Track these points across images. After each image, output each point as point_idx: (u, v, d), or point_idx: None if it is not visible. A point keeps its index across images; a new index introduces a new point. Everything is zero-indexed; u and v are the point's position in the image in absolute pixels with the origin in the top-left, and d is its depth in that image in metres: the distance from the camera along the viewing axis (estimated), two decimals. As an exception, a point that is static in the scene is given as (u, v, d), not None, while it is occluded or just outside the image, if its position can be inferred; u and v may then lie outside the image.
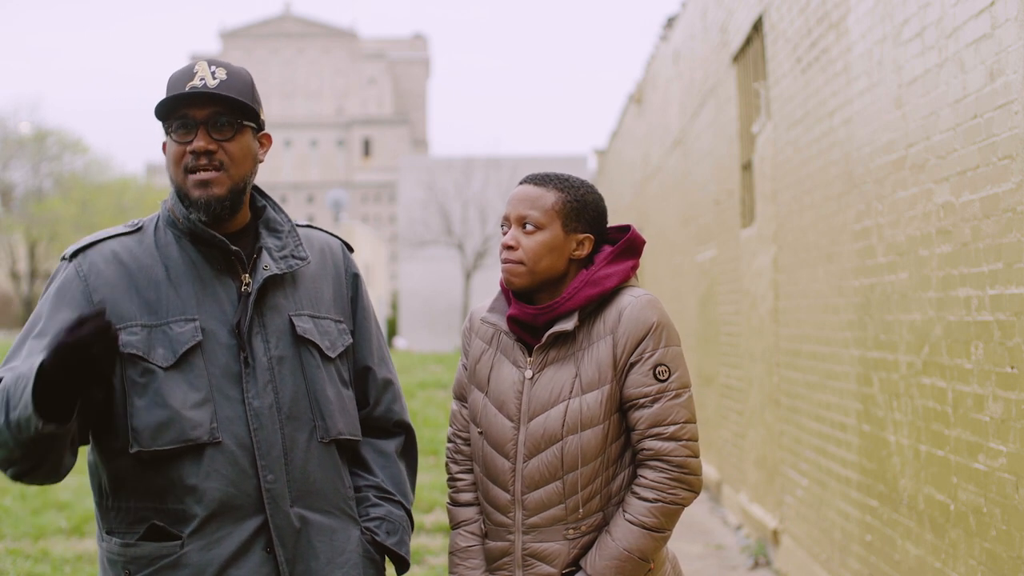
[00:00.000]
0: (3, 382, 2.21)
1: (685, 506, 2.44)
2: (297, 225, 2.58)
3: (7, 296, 53.36)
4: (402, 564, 2.56)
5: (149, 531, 2.32)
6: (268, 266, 2.42)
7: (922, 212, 4.34)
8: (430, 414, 15.20)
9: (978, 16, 3.74)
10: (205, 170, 2.35)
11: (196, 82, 2.35)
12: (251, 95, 2.42)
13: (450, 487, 2.65)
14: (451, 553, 2.60)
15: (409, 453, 2.67)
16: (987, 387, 3.70)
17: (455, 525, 2.62)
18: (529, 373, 2.47)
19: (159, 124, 2.43)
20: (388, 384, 2.64)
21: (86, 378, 2.09)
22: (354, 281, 2.62)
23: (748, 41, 8.05)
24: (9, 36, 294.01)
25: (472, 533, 2.57)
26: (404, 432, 2.66)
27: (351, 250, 2.68)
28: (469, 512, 2.59)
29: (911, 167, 4.47)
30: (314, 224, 2.65)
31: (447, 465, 2.66)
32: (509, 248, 2.47)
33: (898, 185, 4.64)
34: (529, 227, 2.46)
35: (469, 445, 2.60)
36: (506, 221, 2.50)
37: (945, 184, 4.09)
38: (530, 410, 2.45)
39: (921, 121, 4.34)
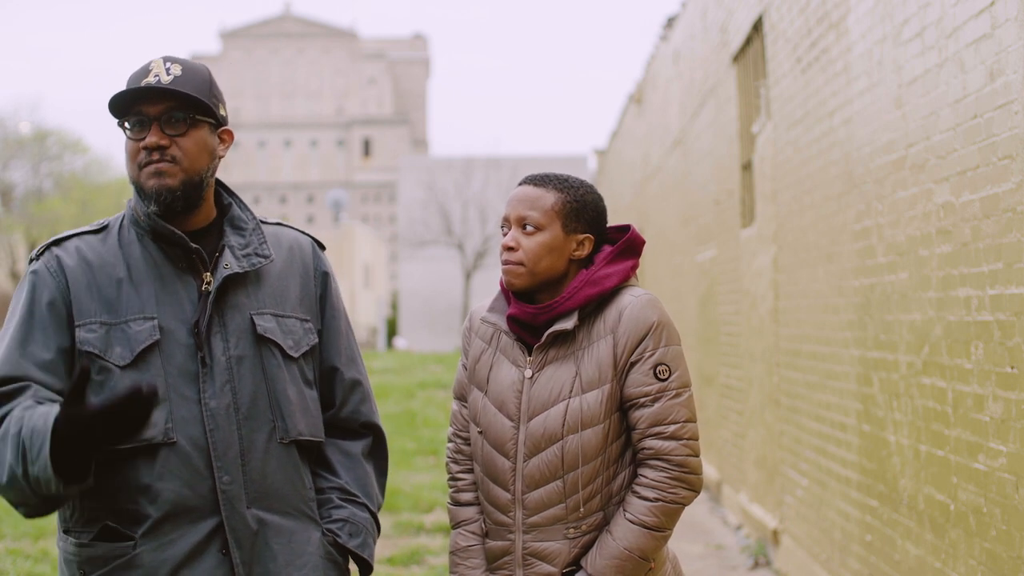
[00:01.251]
0: (9, 425, 2.17)
1: (685, 505, 2.44)
2: (266, 223, 2.55)
3: (7, 296, 53.45)
4: (365, 567, 2.53)
5: (102, 531, 2.31)
6: (229, 264, 2.40)
7: (922, 212, 4.34)
8: (430, 414, 15.20)
9: (978, 16, 3.74)
10: (158, 162, 2.34)
11: (150, 79, 2.34)
12: (207, 91, 2.40)
13: (450, 487, 2.65)
14: (452, 553, 2.60)
15: (377, 454, 2.62)
16: (987, 387, 3.70)
17: (455, 525, 2.62)
18: (529, 372, 2.47)
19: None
20: (356, 384, 2.59)
21: (113, 441, 2.06)
22: (324, 279, 2.58)
23: (748, 41, 8.05)
24: (9, 36, 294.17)
25: (473, 532, 2.57)
26: (372, 433, 2.61)
27: (323, 248, 2.64)
28: (470, 512, 2.59)
29: (911, 167, 4.47)
30: (284, 222, 2.61)
31: (447, 465, 2.66)
32: (509, 249, 2.47)
33: (898, 185, 4.64)
34: (529, 228, 2.46)
35: (469, 445, 2.60)
36: (506, 222, 2.50)
37: (945, 184, 4.09)
38: (530, 409, 2.45)
39: (921, 121, 4.34)
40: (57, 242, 2.43)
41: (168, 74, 2.36)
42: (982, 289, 3.74)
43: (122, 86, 2.40)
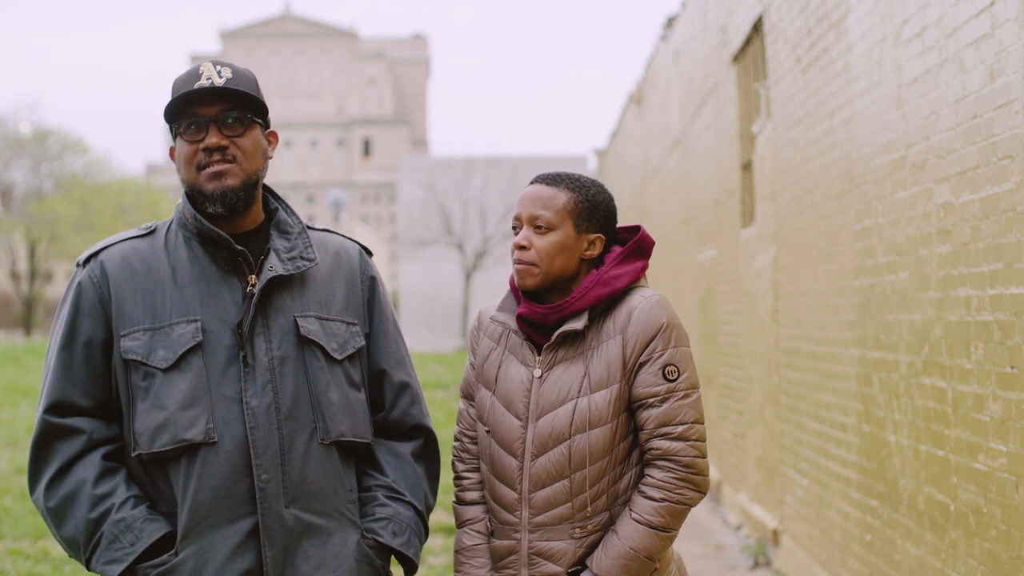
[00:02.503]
0: (87, 490, 2.34)
1: (692, 506, 2.45)
2: (315, 228, 2.59)
3: (7, 296, 53.34)
4: (410, 566, 2.53)
5: (155, 544, 2.34)
6: (274, 267, 2.42)
7: (922, 212, 4.34)
8: (430, 414, 15.19)
9: (978, 16, 3.74)
10: (219, 163, 2.37)
11: (203, 81, 2.37)
12: (257, 92, 2.45)
13: (456, 486, 2.65)
14: (457, 551, 2.61)
15: (427, 456, 2.63)
16: (987, 387, 3.70)
17: (461, 523, 2.62)
18: (538, 372, 2.48)
19: (163, 126, 2.47)
20: (405, 387, 2.61)
21: None
22: (371, 284, 2.61)
23: (748, 41, 8.04)
24: (9, 36, 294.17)
25: (478, 531, 2.58)
26: (423, 435, 2.63)
27: (370, 254, 2.68)
28: (475, 511, 2.60)
29: (911, 167, 4.47)
30: (332, 229, 2.65)
31: (453, 464, 2.67)
32: (521, 248, 2.47)
33: (898, 185, 4.64)
34: (541, 227, 2.47)
35: (476, 444, 2.61)
36: (517, 221, 2.51)
37: (945, 184, 4.09)
38: (538, 409, 2.46)
39: (921, 121, 4.34)
40: (104, 248, 2.46)
41: (220, 76, 2.39)
42: (982, 289, 3.74)
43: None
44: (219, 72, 2.39)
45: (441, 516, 8.44)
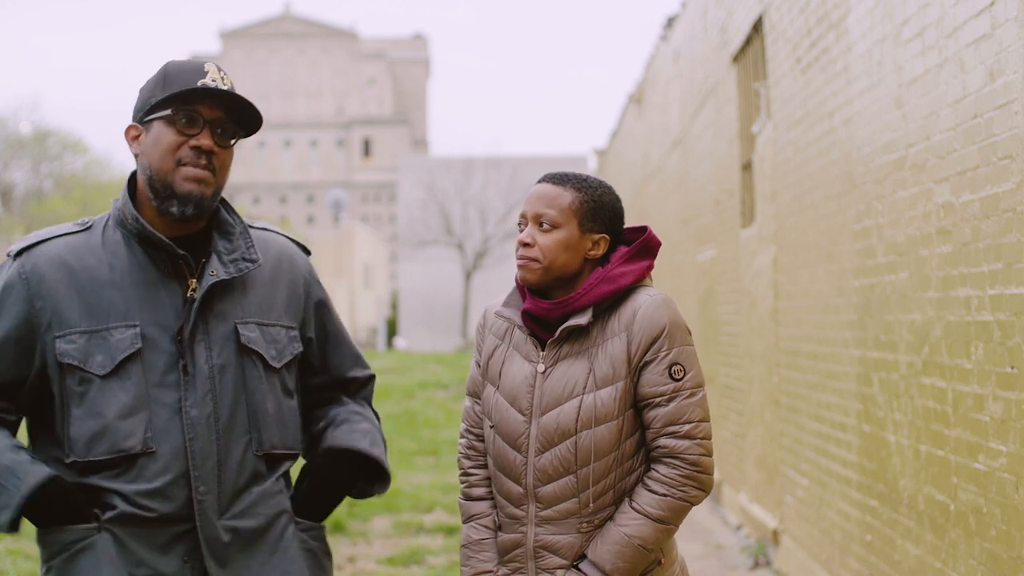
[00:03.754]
0: None
1: (694, 504, 2.46)
2: (254, 227, 2.53)
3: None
4: (384, 478, 2.56)
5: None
6: (216, 271, 2.36)
7: (922, 212, 4.34)
8: (430, 414, 15.19)
9: (978, 16, 3.74)
10: (204, 169, 2.32)
11: (209, 81, 2.33)
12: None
13: (462, 482, 2.67)
14: (464, 546, 2.62)
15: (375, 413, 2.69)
16: (987, 387, 3.70)
17: (468, 518, 2.64)
18: (542, 368, 2.49)
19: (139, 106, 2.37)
20: (371, 379, 2.69)
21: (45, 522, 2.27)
22: (316, 287, 2.58)
23: (748, 41, 8.05)
24: (9, 36, 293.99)
25: (485, 526, 2.60)
26: (375, 412, 2.70)
27: (308, 253, 2.63)
28: (482, 506, 2.61)
29: (911, 167, 4.47)
30: (271, 227, 2.60)
31: (459, 460, 2.68)
32: (526, 245, 2.50)
33: (898, 185, 4.64)
34: (546, 225, 2.49)
35: (482, 441, 2.63)
36: (523, 219, 2.53)
37: (945, 184, 4.09)
38: (542, 404, 2.47)
39: (921, 121, 4.34)
40: (38, 243, 2.38)
41: (224, 83, 2.35)
42: (982, 289, 3.74)
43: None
44: (223, 78, 2.35)
45: (441, 516, 8.44)
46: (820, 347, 6.03)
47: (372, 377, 2.69)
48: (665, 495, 2.42)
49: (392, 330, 48.27)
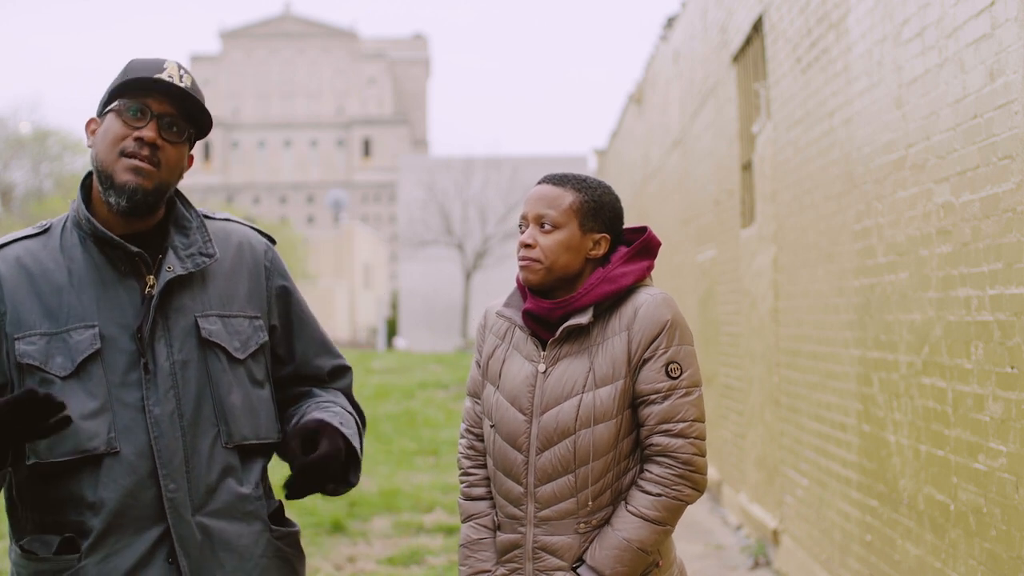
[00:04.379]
0: None
1: (688, 503, 2.47)
2: (214, 218, 2.51)
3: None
4: (356, 465, 2.45)
5: (61, 545, 2.28)
6: (172, 267, 2.35)
7: (922, 212, 4.34)
8: (430, 414, 15.19)
9: (978, 16, 3.74)
10: (143, 160, 2.30)
11: (164, 76, 2.32)
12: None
13: (462, 482, 2.67)
14: (462, 545, 2.63)
15: (355, 406, 2.60)
16: (987, 387, 3.70)
17: (467, 518, 2.64)
18: (542, 367, 2.50)
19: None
20: (345, 370, 2.62)
21: (14, 438, 2.12)
22: (279, 275, 2.54)
23: (748, 41, 8.05)
24: (9, 36, 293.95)
25: (484, 526, 2.60)
26: (352, 401, 2.61)
27: (274, 243, 2.60)
28: (481, 506, 2.62)
29: (911, 167, 4.47)
30: (233, 217, 2.57)
31: (459, 460, 2.69)
32: (527, 246, 2.51)
33: (898, 185, 4.64)
34: (547, 226, 2.51)
35: (482, 441, 2.63)
36: (524, 220, 2.54)
37: (945, 184, 4.09)
38: (543, 403, 2.48)
39: (921, 121, 4.34)
40: None
41: (181, 80, 2.34)
42: (982, 289, 3.74)
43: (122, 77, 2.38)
44: (181, 76, 2.34)
45: (441, 516, 8.44)
46: (820, 347, 6.03)
47: (345, 367, 2.62)
48: (659, 495, 2.43)
49: (392, 330, 48.26)
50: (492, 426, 2.55)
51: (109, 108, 2.35)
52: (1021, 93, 3.42)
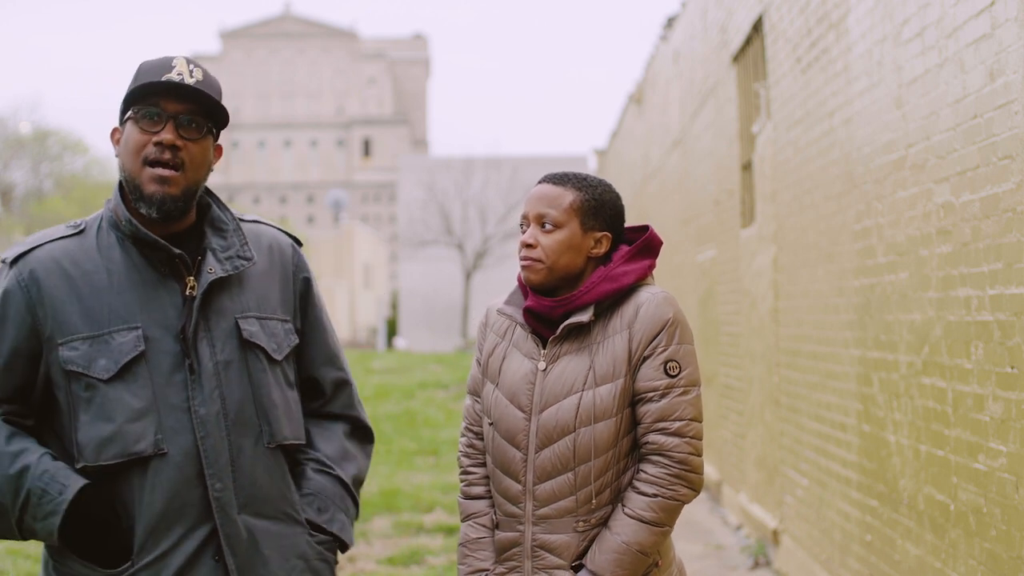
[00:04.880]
0: (27, 477, 2.26)
1: (685, 503, 2.46)
2: (244, 220, 2.52)
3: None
4: (338, 542, 2.50)
5: (97, 555, 2.30)
6: (213, 268, 2.36)
7: (922, 212, 4.34)
8: (430, 414, 15.19)
9: (978, 16, 3.74)
10: (166, 166, 2.30)
11: (174, 75, 2.32)
12: (222, 100, 2.40)
13: (462, 481, 2.67)
14: (461, 544, 2.63)
15: (360, 435, 2.62)
16: (987, 387, 3.70)
17: (466, 517, 2.64)
18: (542, 365, 2.50)
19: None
20: (344, 384, 2.62)
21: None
22: (305, 279, 2.56)
23: (748, 41, 8.05)
24: (9, 36, 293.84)
25: (483, 525, 2.60)
26: (359, 425, 2.62)
27: (300, 244, 2.62)
28: (480, 505, 2.62)
29: (911, 167, 4.47)
30: (262, 219, 2.59)
31: (459, 459, 2.69)
32: (528, 246, 2.51)
33: (898, 185, 4.64)
34: (548, 226, 2.51)
35: (481, 439, 2.63)
36: (525, 219, 2.55)
37: (945, 184, 4.09)
38: (542, 401, 2.48)
39: (921, 121, 4.34)
40: (33, 248, 2.37)
41: (191, 76, 2.33)
42: (982, 289, 3.74)
43: (124, 83, 2.38)
44: (191, 71, 2.34)
45: (441, 516, 8.44)
46: (820, 347, 6.03)
47: (345, 382, 2.62)
48: (656, 496, 2.42)
49: (392, 330, 48.26)
50: (491, 424, 2.55)
51: (127, 117, 2.35)
52: (1021, 93, 3.42)
